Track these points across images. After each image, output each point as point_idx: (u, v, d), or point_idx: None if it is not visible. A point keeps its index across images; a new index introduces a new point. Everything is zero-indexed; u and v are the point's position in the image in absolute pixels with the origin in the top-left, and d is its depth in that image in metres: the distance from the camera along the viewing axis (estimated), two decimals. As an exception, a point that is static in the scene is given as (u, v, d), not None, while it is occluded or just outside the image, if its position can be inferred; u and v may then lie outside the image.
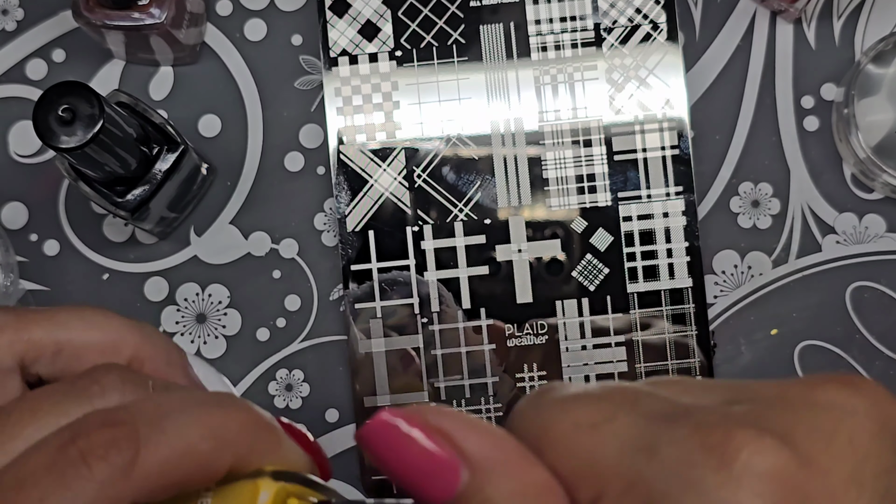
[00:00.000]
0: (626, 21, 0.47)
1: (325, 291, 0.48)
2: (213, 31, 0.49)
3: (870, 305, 0.48)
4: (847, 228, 0.48)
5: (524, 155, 0.47)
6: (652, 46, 0.47)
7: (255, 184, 0.49)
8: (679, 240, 0.47)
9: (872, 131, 0.46)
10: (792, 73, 0.48)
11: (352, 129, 0.47)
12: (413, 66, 0.47)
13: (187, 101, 0.49)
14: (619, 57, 0.47)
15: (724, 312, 0.48)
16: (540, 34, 0.47)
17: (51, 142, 0.38)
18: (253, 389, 0.48)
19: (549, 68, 0.47)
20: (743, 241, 0.48)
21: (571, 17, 0.47)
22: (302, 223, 0.49)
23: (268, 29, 0.49)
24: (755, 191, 0.48)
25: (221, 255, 0.49)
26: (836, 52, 0.48)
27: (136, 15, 0.44)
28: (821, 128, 0.48)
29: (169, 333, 0.48)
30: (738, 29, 0.49)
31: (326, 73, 0.47)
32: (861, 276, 0.48)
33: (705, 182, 0.48)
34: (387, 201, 0.47)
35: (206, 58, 0.49)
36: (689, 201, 0.47)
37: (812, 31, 0.49)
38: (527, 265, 0.47)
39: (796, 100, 0.48)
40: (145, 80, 0.49)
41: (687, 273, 0.47)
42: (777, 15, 0.49)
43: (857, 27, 0.49)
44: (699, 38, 0.49)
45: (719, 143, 0.48)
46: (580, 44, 0.47)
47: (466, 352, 0.47)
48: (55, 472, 0.21)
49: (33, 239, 0.49)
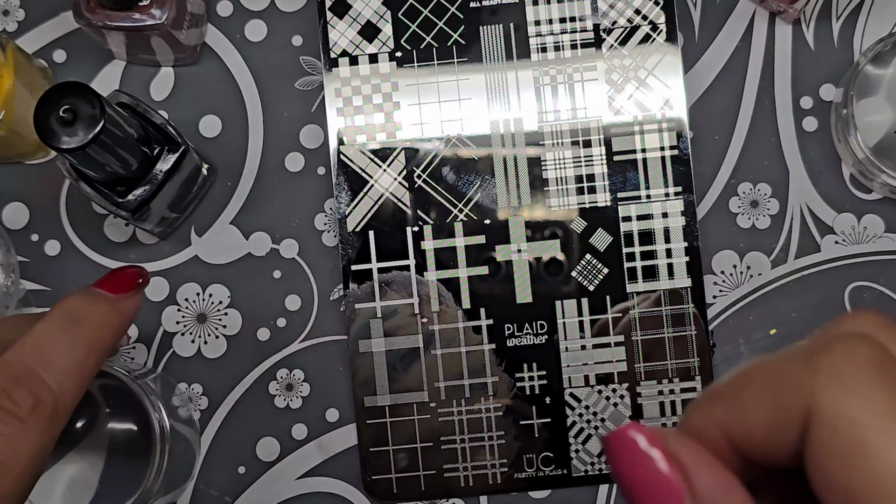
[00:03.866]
0: (625, 22, 0.47)
1: (325, 291, 0.48)
2: (213, 31, 0.49)
3: (869, 305, 0.48)
4: (846, 229, 0.48)
5: (524, 155, 0.47)
6: (651, 47, 0.47)
7: (255, 184, 0.49)
8: (678, 240, 0.47)
9: (871, 132, 0.46)
10: (791, 73, 0.48)
11: (352, 130, 0.47)
12: (413, 67, 0.47)
13: (188, 102, 0.49)
14: (619, 58, 0.47)
15: (724, 312, 0.48)
16: (539, 35, 0.47)
17: (52, 142, 0.38)
18: (253, 389, 0.48)
19: (548, 69, 0.47)
20: (742, 242, 0.48)
21: (571, 18, 0.47)
22: (302, 223, 0.49)
23: (268, 30, 0.49)
24: (754, 191, 0.48)
25: (222, 255, 0.49)
26: (834, 53, 0.49)
27: (137, 16, 0.44)
28: (820, 128, 0.48)
29: (170, 333, 0.48)
30: (738, 30, 0.49)
31: (327, 73, 0.47)
32: (860, 277, 0.48)
33: (704, 182, 0.48)
34: (387, 201, 0.47)
35: (207, 58, 0.49)
36: (689, 202, 0.47)
37: (811, 32, 0.49)
38: (526, 265, 0.47)
39: (795, 100, 0.48)
40: (146, 81, 0.49)
41: (686, 273, 0.47)
42: (776, 16, 0.49)
43: (855, 28, 0.49)
44: (698, 39, 0.49)
45: (718, 144, 0.48)
46: (579, 45, 0.47)
47: (466, 352, 0.47)
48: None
49: (34, 239, 0.49)
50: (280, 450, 0.48)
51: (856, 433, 0.20)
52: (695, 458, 0.22)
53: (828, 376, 0.20)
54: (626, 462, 0.22)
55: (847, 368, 0.20)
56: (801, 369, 0.21)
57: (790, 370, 0.21)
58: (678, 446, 0.22)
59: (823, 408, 0.20)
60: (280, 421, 0.48)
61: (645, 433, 0.22)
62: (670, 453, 0.22)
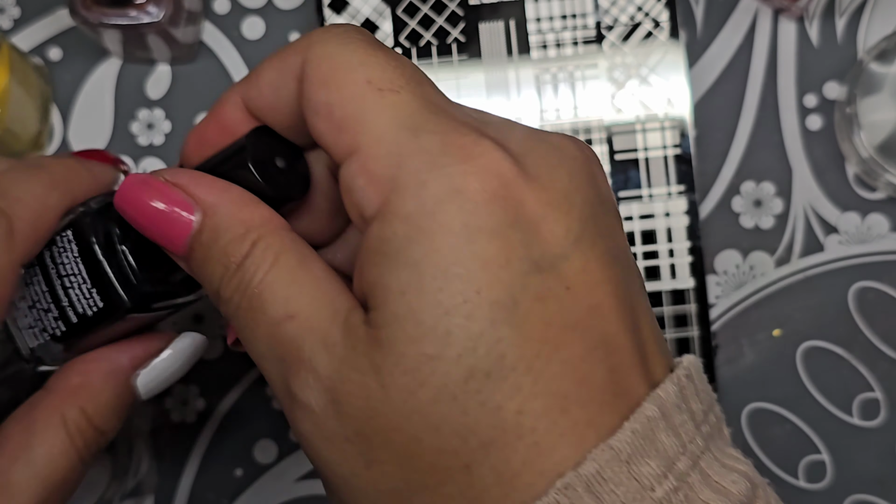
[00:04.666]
0: (627, 19, 0.47)
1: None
2: (210, 29, 0.49)
3: (873, 305, 0.47)
4: (850, 228, 0.48)
5: (524, 154, 0.47)
6: (653, 45, 0.47)
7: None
8: (681, 240, 0.46)
9: (875, 130, 0.46)
10: (794, 71, 0.48)
11: (350, 128, 0.47)
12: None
13: (185, 100, 0.49)
14: (621, 55, 0.47)
15: (726, 313, 0.48)
16: (540, 32, 0.47)
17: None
18: (253, 389, 0.48)
19: (549, 66, 0.47)
20: (745, 241, 0.48)
21: (572, 15, 0.47)
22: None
23: (266, 27, 0.49)
24: (757, 190, 0.48)
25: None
26: (838, 51, 0.48)
27: (134, 13, 0.44)
28: (824, 127, 0.48)
29: (166, 334, 0.48)
30: (741, 27, 0.48)
31: (325, 71, 0.47)
32: (864, 276, 0.47)
33: (707, 181, 0.48)
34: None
35: (204, 56, 0.49)
36: (691, 201, 0.46)
37: (814, 30, 0.48)
38: (527, 265, 0.46)
39: (799, 98, 0.48)
40: (142, 79, 0.49)
41: (689, 273, 0.46)
42: (779, 13, 0.48)
43: (859, 25, 0.48)
44: (701, 37, 0.48)
45: (721, 142, 0.48)
46: (581, 42, 0.47)
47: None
48: None
49: (30, 239, 0.48)
50: (278, 452, 0.48)
51: (331, 64, 0.24)
52: (190, 178, 0.26)
53: (318, 35, 0.25)
54: (138, 204, 0.26)
55: (334, 30, 0.25)
56: (300, 40, 0.26)
57: (292, 45, 0.26)
58: (174, 175, 0.26)
59: (310, 56, 0.25)
60: (277, 423, 0.48)
61: (145, 175, 0.26)
62: (171, 182, 0.26)
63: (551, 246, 0.23)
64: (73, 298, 0.29)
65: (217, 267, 0.25)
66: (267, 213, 0.26)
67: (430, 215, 0.22)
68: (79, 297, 0.29)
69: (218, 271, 0.25)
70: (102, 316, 0.29)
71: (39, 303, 0.30)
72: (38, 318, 0.30)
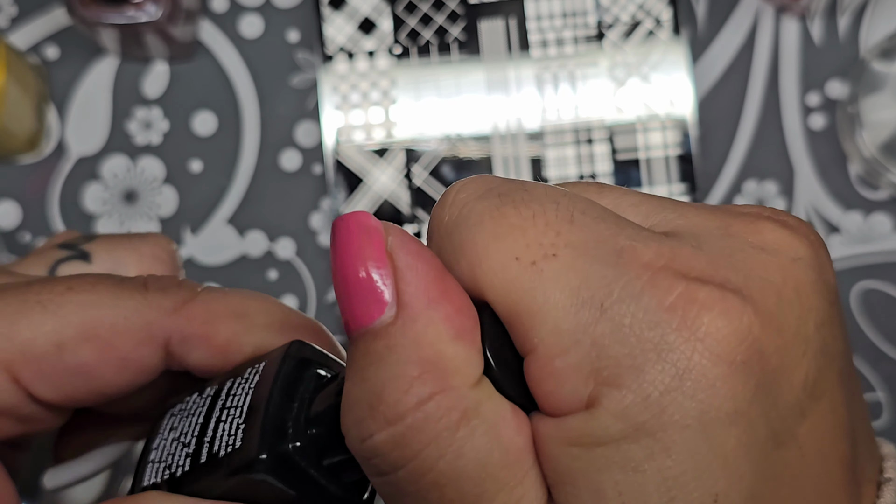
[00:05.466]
0: (628, 17, 0.46)
1: (322, 293, 0.48)
2: (208, 27, 0.49)
3: (875, 306, 0.47)
4: (852, 228, 0.47)
5: (525, 154, 0.46)
6: (655, 43, 0.46)
7: (250, 183, 0.48)
8: (682, 240, 0.46)
9: (878, 130, 0.45)
10: (797, 70, 0.48)
11: (349, 128, 0.46)
12: (411, 64, 0.47)
13: (182, 99, 0.48)
14: (622, 54, 0.46)
15: (728, 313, 0.47)
16: (540, 30, 0.47)
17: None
18: (249, 392, 0.47)
19: (549, 65, 0.46)
20: (747, 241, 0.47)
21: (572, 13, 0.47)
22: (298, 223, 0.48)
23: (264, 25, 0.48)
24: (760, 190, 0.47)
25: (217, 255, 0.48)
26: (840, 49, 0.48)
27: (131, 12, 0.43)
28: (826, 126, 0.48)
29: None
30: (743, 25, 0.48)
31: (323, 70, 0.47)
32: (866, 276, 0.47)
33: (709, 180, 0.48)
34: (385, 201, 0.46)
35: (201, 55, 0.49)
36: (693, 201, 0.46)
37: (816, 28, 0.48)
38: (527, 265, 0.46)
39: (801, 97, 0.48)
40: (140, 78, 0.48)
41: (690, 273, 0.46)
42: (781, 11, 0.48)
43: (861, 23, 0.48)
44: (703, 35, 0.48)
45: (723, 141, 0.48)
46: (581, 40, 0.47)
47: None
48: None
49: (26, 239, 0.48)
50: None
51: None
52: (411, 262, 0.19)
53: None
54: (348, 251, 0.19)
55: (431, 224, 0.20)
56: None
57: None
58: (399, 246, 0.19)
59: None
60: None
61: (377, 225, 0.20)
62: (390, 254, 0.19)
63: (790, 407, 0.18)
64: (219, 434, 0.23)
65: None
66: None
67: (651, 409, 0.18)
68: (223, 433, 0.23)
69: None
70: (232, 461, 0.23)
71: (184, 436, 0.24)
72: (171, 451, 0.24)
